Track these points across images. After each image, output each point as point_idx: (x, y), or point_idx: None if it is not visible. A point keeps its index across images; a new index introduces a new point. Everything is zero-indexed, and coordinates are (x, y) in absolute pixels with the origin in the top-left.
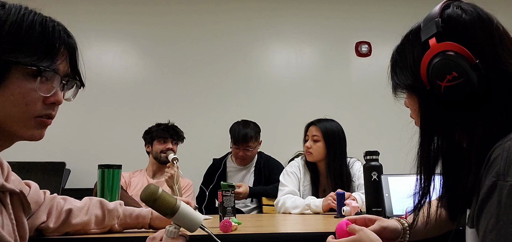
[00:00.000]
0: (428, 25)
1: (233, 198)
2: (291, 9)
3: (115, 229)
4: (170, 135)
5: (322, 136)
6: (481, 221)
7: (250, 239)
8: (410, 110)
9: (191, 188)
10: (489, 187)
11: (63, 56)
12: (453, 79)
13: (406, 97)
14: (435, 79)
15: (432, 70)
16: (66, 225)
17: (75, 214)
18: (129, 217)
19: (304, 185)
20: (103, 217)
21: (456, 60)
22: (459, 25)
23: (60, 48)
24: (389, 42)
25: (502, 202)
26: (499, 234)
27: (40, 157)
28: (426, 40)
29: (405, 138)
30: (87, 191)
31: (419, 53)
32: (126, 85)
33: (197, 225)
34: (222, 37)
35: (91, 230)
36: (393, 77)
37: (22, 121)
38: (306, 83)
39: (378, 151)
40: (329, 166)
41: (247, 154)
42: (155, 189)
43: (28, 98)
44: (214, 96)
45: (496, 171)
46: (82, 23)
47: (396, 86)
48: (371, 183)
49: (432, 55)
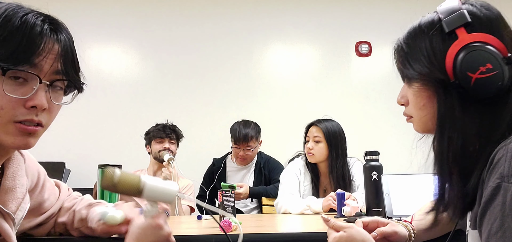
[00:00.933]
0: (453, 16)
1: (233, 198)
2: (291, 9)
3: (84, 232)
4: (166, 134)
5: (324, 136)
6: (485, 223)
7: (250, 239)
8: (405, 106)
9: (191, 188)
10: (493, 189)
11: (48, 55)
12: (487, 71)
13: (410, 91)
14: (465, 71)
15: (462, 61)
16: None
17: (61, 214)
18: (92, 221)
19: (304, 185)
20: (72, 219)
21: (491, 51)
22: (483, 19)
23: (41, 45)
24: (389, 42)
25: (507, 204)
26: (503, 236)
27: (40, 157)
28: (452, 31)
29: (405, 137)
30: (87, 191)
31: (440, 44)
32: (126, 85)
33: (172, 194)
34: (222, 37)
35: (69, 230)
36: (405, 67)
37: (0, 126)
38: (306, 83)
39: (378, 151)
40: (331, 167)
41: (248, 153)
42: (111, 172)
43: (2, 102)
44: (214, 96)
45: (500, 172)
46: (82, 23)
47: (408, 77)
48: (371, 183)
49: (462, 46)
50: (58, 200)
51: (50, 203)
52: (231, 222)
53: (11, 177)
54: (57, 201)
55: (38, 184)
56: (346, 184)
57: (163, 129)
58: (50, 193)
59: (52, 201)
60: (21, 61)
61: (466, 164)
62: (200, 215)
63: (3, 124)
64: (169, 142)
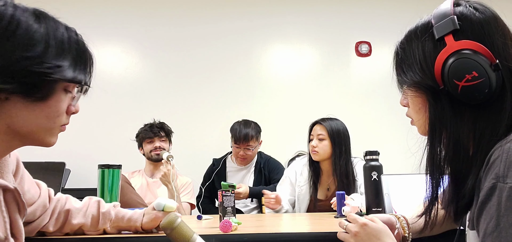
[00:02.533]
0: (443, 22)
1: (233, 198)
2: (291, 9)
3: (108, 232)
4: (154, 133)
5: (328, 134)
6: (481, 222)
7: (250, 239)
8: (407, 108)
9: (190, 186)
10: (488, 189)
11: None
12: (472, 79)
13: (408, 95)
14: (452, 78)
15: (449, 69)
16: (65, 226)
17: (74, 215)
18: (121, 220)
19: (300, 186)
20: (97, 219)
21: (477, 59)
22: (474, 23)
23: (89, 61)
24: (389, 42)
25: (502, 204)
26: (499, 236)
27: (40, 157)
28: (441, 37)
29: (405, 137)
30: (87, 191)
31: (431, 51)
32: (126, 85)
33: None
34: (223, 38)
35: (88, 231)
36: (399, 74)
37: (50, 130)
38: (306, 83)
39: (378, 151)
40: (335, 164)
41: (248, 153)
42: (174, 218)
43: (61, 110)
44: (215, 96)
45: (496, 172)
46: (82, 23)
47: (402, 83)
48: (371, 183)
49: (449, 53)
50: (40, 197)
51: (31, 197)
52: (231, 222)
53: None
54: (39, 198)
55: (17, 172)
56: (349, 182)
57: (151, 128)
58: (29, 186)
59: (33, 194)
60: (84, 77)
61: (460, 167)
62: (200, 215)
63: (56, 127)
64: (159, 140)
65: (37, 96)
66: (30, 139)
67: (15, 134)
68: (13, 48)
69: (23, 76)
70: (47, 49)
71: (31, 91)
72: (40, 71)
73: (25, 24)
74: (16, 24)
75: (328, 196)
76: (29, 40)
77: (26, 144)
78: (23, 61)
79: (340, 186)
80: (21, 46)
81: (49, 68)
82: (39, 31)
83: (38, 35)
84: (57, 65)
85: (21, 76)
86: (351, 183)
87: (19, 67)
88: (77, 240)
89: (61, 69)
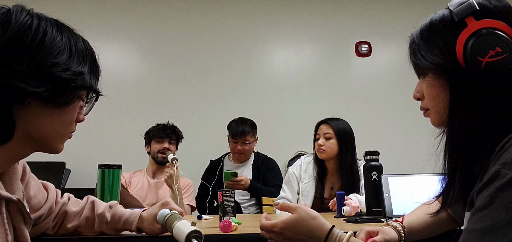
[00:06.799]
0: (462, 6)
1: (233, 198)
2: (291, 9)
3: (105, 232)
4: (166, 135)
5: (334, 133)
6: (476, 202)
7: (250, 239)
8: (421, 101)
9: (191, 188)
10: (492, 173)
11: None
12: (496, 55)
13: (424, 84)
14: (475, 55)
15: (472, 46)
16: (61, 229)
17: (70, 219)
18: (118, 222)
19: (304, 183)
20: (93, 221)
21: (500, 36)
22: (493, 7)
23: (99, 71)
24: (389, 42)
25: (501, 187)
26: (490, 214)
27: (40, 157)
28: (462, 19)
29: (405, 137)
30: (87, 191)
31: (451, 34)
32: (126, 85)
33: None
34: (222, 38)
35: (84, 232)
36: (417, 59)
37: (61, 137)
38: (306, 84)
39: (378, 151)
40: (341, 162)
41: (245, 148)
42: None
43: (74, 118)
44: (214, 96)
45: (504, 160)
46: (82, 23)
47: (421, 69)
48: (371, 183)
49: (471, 32)
50: (47, 201)
51: (37, 202)
52: (231, 222)
53: (8, 182)
54: (46, 203)
55: (23, 179)
56: (355, 180)
57: (164, 129)
58: (36, 191)
59: (39, 200)
60: (96, 84)
61: (474, 154)
62: (200, 215)
63: (66, 134)
64: (168, 142)
65: (58, 102)
66: (41, 145)
67: (28, 140)
68: (45, 54)
69: (52, 81)
70: (71, 57)
71: (54, 97)
72: (66, 77)
73: (50, 34)
74: (43, 33)
75: (332, 195)
76: (55, 48)
77: (36, 150)
78: (53, 67)
79: (344, 185)
80: (50, 53)
81: (74, 75)
82: (62, 40)
83: (62, 44)
84: (80, 72)
85: (50, 81)
86: (356, 181)
87: (49, 72)
88: (77, 240)
89: (82, 77)
